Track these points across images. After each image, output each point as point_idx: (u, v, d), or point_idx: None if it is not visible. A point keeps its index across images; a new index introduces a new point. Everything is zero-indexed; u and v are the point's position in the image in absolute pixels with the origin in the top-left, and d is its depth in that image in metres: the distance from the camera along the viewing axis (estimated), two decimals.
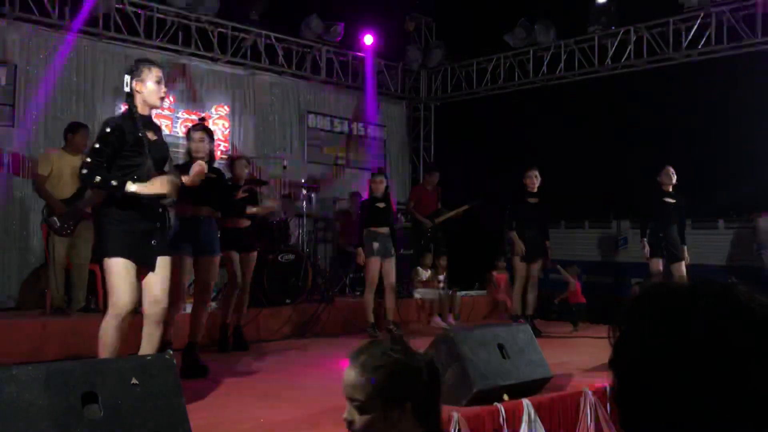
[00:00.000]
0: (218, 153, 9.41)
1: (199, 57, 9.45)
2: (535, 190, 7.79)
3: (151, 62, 4.04)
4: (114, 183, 3.69)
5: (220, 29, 9.55)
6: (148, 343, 3.94)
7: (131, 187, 3.68)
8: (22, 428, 2.41)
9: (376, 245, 7.42)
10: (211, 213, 5.47)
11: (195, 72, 9.49)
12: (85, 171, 3.71)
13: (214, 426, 3.61)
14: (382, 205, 7.55)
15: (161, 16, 8.97)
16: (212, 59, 9.57)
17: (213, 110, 9.64)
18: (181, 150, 7.13)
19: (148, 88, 3.89)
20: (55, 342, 5.75)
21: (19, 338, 5.75)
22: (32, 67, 7.96)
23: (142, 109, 3.93)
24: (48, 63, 8.10)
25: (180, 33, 9.19)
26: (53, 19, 8.07)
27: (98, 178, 3.69)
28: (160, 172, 3.92)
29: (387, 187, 7.71)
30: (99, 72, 8.46)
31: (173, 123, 9.07)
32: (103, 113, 7.96)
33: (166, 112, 9.10)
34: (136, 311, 3.93)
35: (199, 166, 4.11)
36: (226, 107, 9.77)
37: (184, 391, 2.92)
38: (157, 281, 3.90)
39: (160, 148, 3.98)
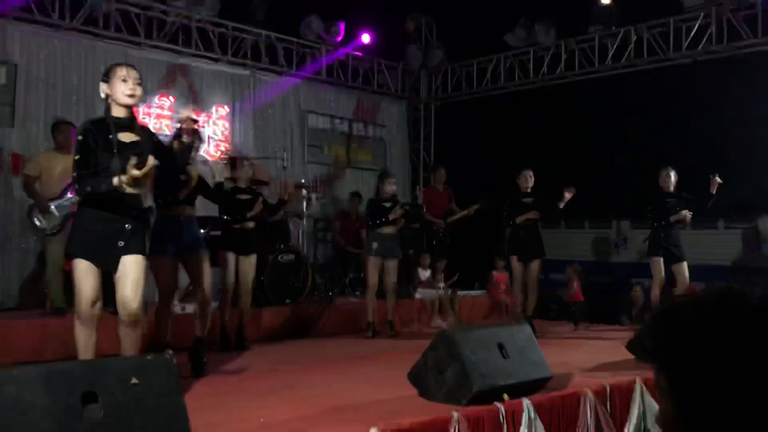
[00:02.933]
0: (219, 153, 9.42)
1: (199, 57, 9.46)
2: (529, 190, 7.80)
3: (118, 64, 4.05)
4: (104, 188, 3.75)
5: (220, 29, 9.55)
6: (126, 344, 3.92)
7: (115, 180, 3.72)
8: (22, 429, 2.41)
9: (375, 245, 7.41)
10: (192, 213, 5.47)
11: (195, 72, 9.49)
12: (77, 186, 3.81)
13: (214, 426, 3.61)
14: (389, 205, 7.54)
15: (161, 16, 8.97)
16: (213, 59, 9.58)
17: (213, 110, 9.64)
18: None
19: (115, 87, 3.91)
20: (55, 342, 5.74)
21: (19, 338, 5.75)
22: (32, 67, 7.96)
23: (116, 112, 3.94)
24: (48, 63, 8.11)
25: (180, 33, 9.19)
26: (53, 19, 8.07)
27: (89, 188, 3.76)
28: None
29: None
30: (99, 72, 8.42)
31: (173, 123, 9.05)
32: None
33: (166, 112, 9.11)
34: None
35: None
36: (226, 107, 9.77)
37: (184, 391, 2.92)
38: (126, 283, 3.85)
39: (137, 150, 3.89)
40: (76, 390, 2.56)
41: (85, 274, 3.76)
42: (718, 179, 7.02)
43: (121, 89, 3.90)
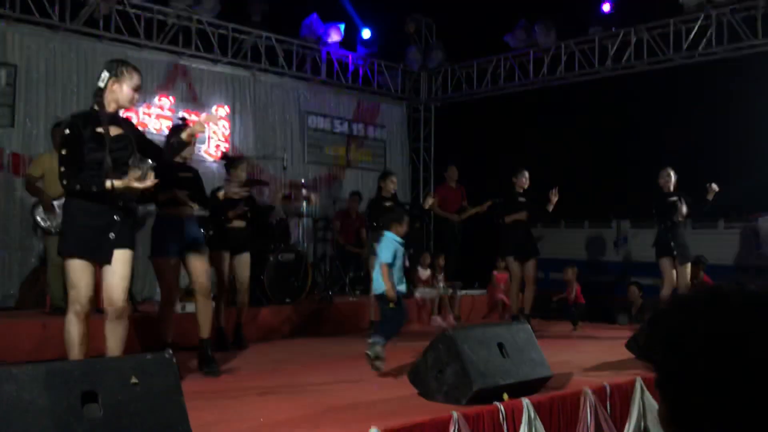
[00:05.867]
0: (219, 153, 9.43)
1: (199, 58, 9.46)
2: (524, 190, 7.86)
3: (134, 67, 4.08)
4: (94, 189, 3.77)
5: (220, 30, 9.55)
6: (111, 338, 3.94)
7: (108, 183, 3.76)
8: (22, 428, 2.41)
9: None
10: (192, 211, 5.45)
11: (195, 73, 9.49)
12: (65, 181, 3.81)
13: (214, 425, 3.61)
14: (390, 204, 7.55)
15: (161, 17, 8.97)
16: (213, 60, 9.58)
17: (213, 110, 9.64)
18: None
19: (124, 91, 3.95)
20: (55, 342, 5.73)
21: (19, 338, 5.75)
22: (32, 68, 7.97)
23: (108, 106, 3.97)
24: (48, 63, 8.11)
25: (180, 34, 9.19)
26: (53, 20, 8.07)
27: (78, 186, 3.78)
28: (122, 165, 3.91)
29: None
30: (99, 72, 8.45)
31: (173, 123, 9.06)
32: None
33: (167, 113, 9.12)
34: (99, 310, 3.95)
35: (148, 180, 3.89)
36: (226, 107, 9.77)
37: (184, 391, 2.92)
38: (114, 277, 3.89)
39: (124, 143, 3.95)
40: (76, 390, 2.56)
41: (81, 271, 3.78)
42: (714, 187, 7.11)
43: (130, 97, 3.98)
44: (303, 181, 9.54)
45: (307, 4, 10.49)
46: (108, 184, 3.74)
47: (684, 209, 7.22)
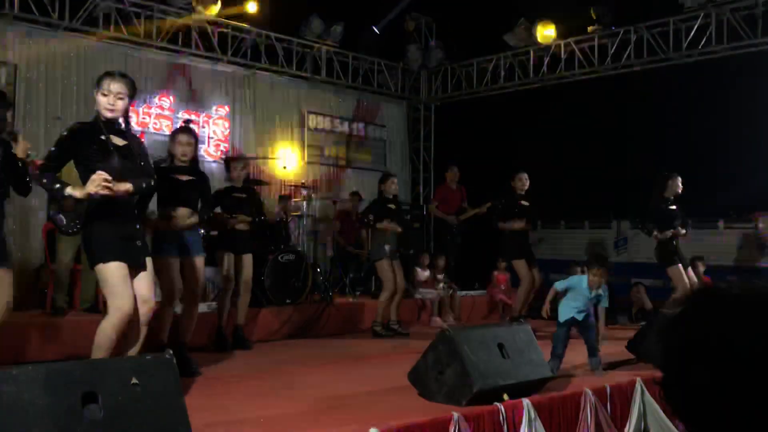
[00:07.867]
0: (218, 153, 9.43)
1: (199, 57, 9.45)
2: (524, 192, 7.83)
3: (107, 74, 4.13)
4: (56, 186, 3.84)
5: (220, 29, 9.54)
6: (138, 339, 4.01)
7: (68, 190, 3.81)
8: (22, 428, 2.41)
9: (387, 247, 7.40)
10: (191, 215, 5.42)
11: (195, 72, 9.49)
12: (38, 172, 3.89)
13: (214, 426, 3.61)
14: (393, 206, 7.55)
15: (161, 16, 8.97)
16: (212, 59, 9.57)
17: (213, 110, 9.64)
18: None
19: (97, 99, 4.04)
20: (55, 342, 5.75)
21: (19, 338, 5.75)
22: (32, 67, 7.96)
23: (105, 116, 4.03)
24: (48, 63, 8.10)
25: (180, 33, 9.19)
26: (53, 19, 8.07)
27: (45, 180, 3.85)
28: (128, 173, 3.95)
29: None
30: (99, 72, 8.38)
31: (173, 123, 9.05)
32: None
33: (167, 113, 9.11)
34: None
35: (97, 178, 3.78)
36: (226, 107, 9.77)
37: (184, 391, 2.92)
38: (144, 282, 4.00)
39: (129, 155, 3.99)
40: (76, 390, 2.56)
41: (123, 275, 3.84)
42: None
43: (101, 103, 4.02)
44: (303, 181, 9.54)
45: (307, 2, 10.48)
46: (68, 190, 3.79)
47: (684, 231, 7.16)
